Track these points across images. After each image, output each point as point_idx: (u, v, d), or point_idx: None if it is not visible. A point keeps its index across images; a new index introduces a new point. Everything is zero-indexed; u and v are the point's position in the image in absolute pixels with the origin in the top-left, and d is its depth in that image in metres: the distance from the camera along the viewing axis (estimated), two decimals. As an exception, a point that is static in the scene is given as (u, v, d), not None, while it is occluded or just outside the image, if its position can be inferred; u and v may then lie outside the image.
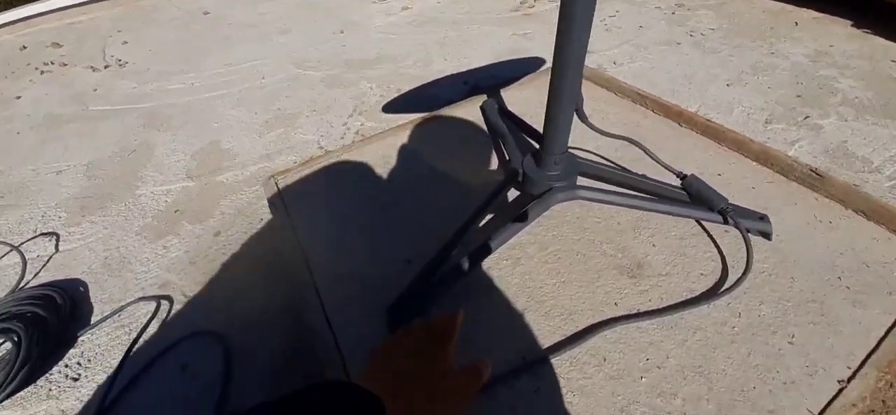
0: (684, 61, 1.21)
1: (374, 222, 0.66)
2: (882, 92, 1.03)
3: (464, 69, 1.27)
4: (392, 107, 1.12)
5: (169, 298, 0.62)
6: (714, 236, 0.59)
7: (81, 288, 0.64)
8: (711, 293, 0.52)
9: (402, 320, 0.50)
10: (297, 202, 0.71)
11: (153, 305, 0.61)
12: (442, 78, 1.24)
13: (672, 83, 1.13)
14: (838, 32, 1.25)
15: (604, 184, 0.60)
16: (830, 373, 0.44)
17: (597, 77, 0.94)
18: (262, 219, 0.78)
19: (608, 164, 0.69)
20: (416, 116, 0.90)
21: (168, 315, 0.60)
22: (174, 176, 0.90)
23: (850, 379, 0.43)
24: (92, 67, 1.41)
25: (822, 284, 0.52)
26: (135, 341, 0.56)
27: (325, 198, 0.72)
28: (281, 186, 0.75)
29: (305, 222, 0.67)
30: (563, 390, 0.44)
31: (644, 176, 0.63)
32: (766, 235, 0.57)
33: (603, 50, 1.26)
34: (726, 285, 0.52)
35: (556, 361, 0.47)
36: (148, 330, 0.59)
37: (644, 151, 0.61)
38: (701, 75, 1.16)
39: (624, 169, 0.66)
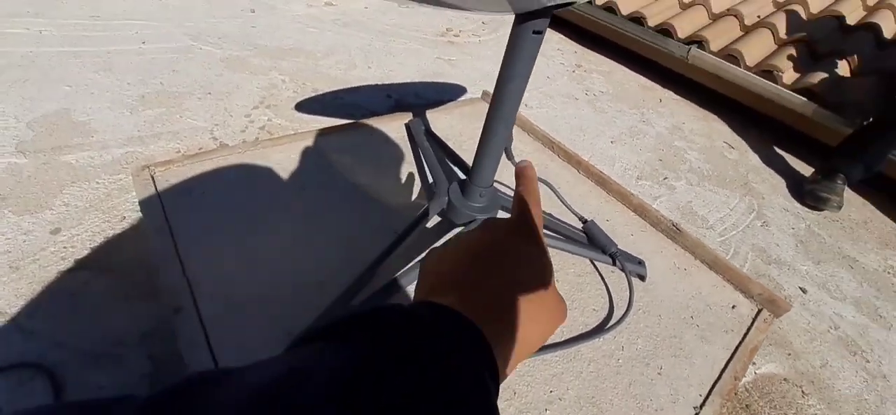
0: (580, 115, 1.39)
1: (280, 237, 0.59)
2: (717, 165, 1.31)
3: (387, 82, 1.25)
4: (307, 107, 1.03)
5: None
6: (603, 275, 0.67)
7: None
8: (602, 328, 0.58)
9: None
10: (179, 203, 0.60)
11: None
12: (364, 86, 1.19)
13: (571, 132, 1.27)
14: (689, 113, 1.57)
15: (519, 219, 0.64)
16: (688, 400, 0.53)
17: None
18: (124, 218, 0.63)
19: None
20: (334, 122, 0.85)
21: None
22: None
23: (702, 405, 0.52)
24: None
25: (680, 322, 0.63)
26: None
27: (217, 201, 0.62)
28: (158, 179, 0.62)
29: (189, 229, 0.56)
30: (476, 425, 0.45)
31: (551, 215, 0.69)
32: (642, 278, 0.67)
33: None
34: (613, 321, 0.59)
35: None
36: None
37: (556, 194, 0.67)
38: (592, 130, 1.33)
39: (535, 207, 0.72)
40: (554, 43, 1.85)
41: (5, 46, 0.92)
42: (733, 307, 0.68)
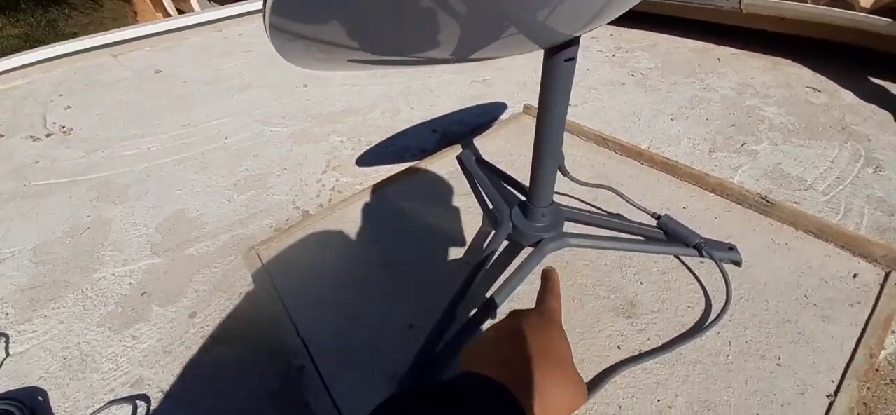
0: (630, 100, 1.33)
1: (368, 287, 0.65)
2: (803, 115, 1.18)
3: (430, 117, 1.31)
4: (365, 160, 1.12)
5: (145, 398, 0.56)
6: (692, 268, 0.63)
7: (40, 398, 0.57)
8: (701, 325, 0.55)
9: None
10: (281, 272, 0.68)
11: (128, 408, 0.55)
12: (411, 127, 1.26)
13: (623, 121, 1.22)
14: (756, 65, 1.43)
15: (589, 228, 0.64)
16: (818, 389, 0.48)
17: (562, 121, 1.01)
18: (241, 292, 0.73)
19: (590, 210, 0.73)
20: (391, 168, 0.91)
21: (147, 417, 0.55)
22: (137, 253, 0.83)
23: (836, 392, 0.47)
24: (32, 137, 1.30)
25: (793, 304, 0.57)
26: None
27: (311, 264, 0.70)
28: (262, 255, 0.72)
29: (293, 293, 0.64)
30: (585, 446, 0.45)
31: (622, 217, 0.67)
32: (737, 263, 0.62)
33: (561, 93, 1.36)
34: (712, 316, 0.56)
35: None
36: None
37: (619, 195, 0.65)
38: (647, 112, 1.27)
39: (603, 212, 0.71)
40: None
41: (125, 166, 1.12)
42: (855, 276, 0.60)
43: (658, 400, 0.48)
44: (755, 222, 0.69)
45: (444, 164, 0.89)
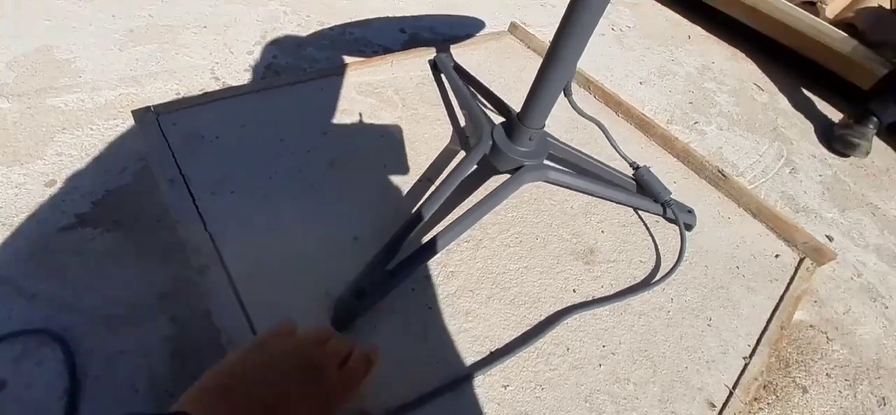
0: (607, 53, 1.29)
1: (307, 189, 0.54)
2: (747, 108, 1.25)
3: (400, 14, 1.14)
4: (315, 43, 0.94)
5: None
6: (648, 226, 0.64)
7: None
8: (650, 280, 0.56)
9: (350, 315, 0.42)
10: (190, 151, 0.54)
11: None
12: (375, 19, 1.09)
13: (598, 73, 1.19)
14: (719, 52, 1.47)
15: (567, 167, 0.60)
16: (737, 351, 0.52)
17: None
18: (125, 168, 0.57)
19: (572, 148, 0.69)
20: (347, 60, 0.77)
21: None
22: None
23: (751, 355, 0.51)
24: None
25: (726, 273, 0.61)
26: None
27: (233, 149, 0.56)
28: (163, 124, 0.56)
29: (205, 180, 0.51)
30: (532, 385, 0.43)
31: (600, 162, 0.64)
32: (689, 228, 0.64)
33: (541, 25, 1.27)
34: (661, 273, 0.57)
35: (523, 352, 0.45)
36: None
37: (608, 137, 0.62)
38: (620, 69, 1.25)
39: (585, 154, 0.67)
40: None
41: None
42: (777, 256, 0.66)
43: (603, 346, 0.48)
44: (707, 193, 0.71)
45: (415, 66, 0.77)
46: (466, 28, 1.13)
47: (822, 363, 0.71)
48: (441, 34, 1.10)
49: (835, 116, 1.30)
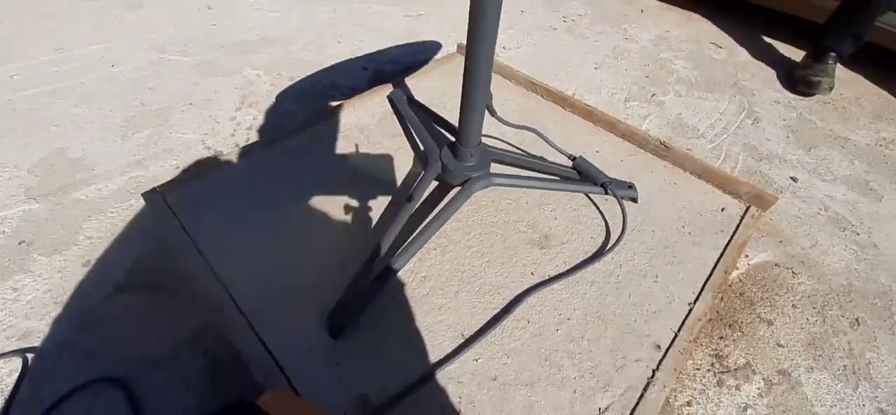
0: (561, 46, 1.37)
1: (296, 229, 0.64)
2: (705, 69, 1.31)
3: (361, 54, 1.24)
4: (288, 98, 1.05)
5: (36, 351, 0.53)
6: (598, 205, 0.71)
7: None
8: (600, 252, 0.64)
9: (343, 325, 0.51)
10: (193, 216, 0.64)
11: (17, 361, 0.51)
12: (339, 63, 1.19)
13: (553, 66, 1.27)
14: (673, 18, 1.54)
15: (512, 169, 0.68)
16: (682, 299, 0.59)
17: (494, 65, 1.02)
18: (144, 239, 0.68)
19: (514, 150, 0.78)
20: (318, 107, 0.87)
21: (41, 370, 0.51)
22: (8, 199, 0.73)
23: (695, 301, 0.59)
24: None
25: (673, 233, 0.68)
26: (5, 411, 0.47)
27: (228, 207, 0.67)
28: (169, 198, 0.66)
29: (210, 238, 0.62)
30: (499, 355, 0.51)
31: (542, 159, 0.72)
32: (634, 200, 0.71)
33: (496, 35, 1.36)
34: (610, 244, 0.65)
35: (491, 333, 0.53)
36: (19, 394, 0.49)
37: (542, 138, 0.70)
38: (574, 59, 1.32)
39: (526, 154, 0.75)
40: (527, -27, 1.78)
41: (-12, 98, 0.94)
42: (722, 210, 0.73)
43: (560, 314, 0.56)
44: (654, 165, 0.79)
45: (376, 104, 0.87)
46: (425, 53, 1.23)
47: (787, 296, 0.77)
48: (402, 64, 1.20)
49: (797, 56, 1.34)
